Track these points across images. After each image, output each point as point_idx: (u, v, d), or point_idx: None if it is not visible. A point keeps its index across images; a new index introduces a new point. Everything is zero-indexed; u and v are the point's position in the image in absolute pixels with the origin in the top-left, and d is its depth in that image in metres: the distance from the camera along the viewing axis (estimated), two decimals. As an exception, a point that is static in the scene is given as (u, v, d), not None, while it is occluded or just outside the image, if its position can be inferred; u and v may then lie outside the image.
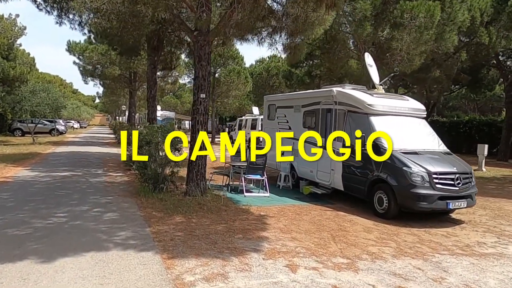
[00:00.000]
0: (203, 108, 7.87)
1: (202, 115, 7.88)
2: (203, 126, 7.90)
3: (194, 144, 7.84)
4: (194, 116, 7.93)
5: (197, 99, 7.90)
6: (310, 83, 30.11)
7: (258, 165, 9.23)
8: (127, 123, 30.09)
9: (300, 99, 10.62)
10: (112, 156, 17.77)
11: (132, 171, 11.63)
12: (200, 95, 7.79)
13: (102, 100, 69.51)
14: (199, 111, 7.87)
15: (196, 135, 7.83)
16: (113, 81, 26.68)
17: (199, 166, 7.86)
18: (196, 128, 7.87)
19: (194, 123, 7.92)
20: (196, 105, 7.91)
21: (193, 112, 7.98)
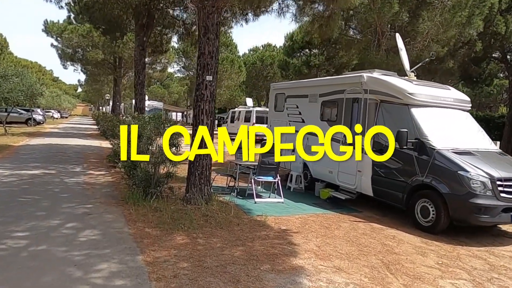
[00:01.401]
0: (209, 93, 6.25)
1: (208, 103, 6.26)
2: (209, 117, 6.29)
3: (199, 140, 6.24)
4: (197, 103, 6.30)
5: (202, 82, 6.26)
6: (308, 73, 28.62)
7: (271, 165, 7.68)
8: (111, 113, 28.04)
9: (317, 87, 9.07)
10: (94, 149, 15.95)
11: (118, 169, 9.95)
12: (205, 76, 6.17)
13: (84, 89, 66.52)
14: (204, 97, 6.24)
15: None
16: (95, 67, 24.55)
17: (202, 168, 6.27)
18: (199, 119, 6.25)
19: (197, 113, 6.30)
20: (200, 90, 6.27)
21: (196, 98, 6.34)
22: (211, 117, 6.35)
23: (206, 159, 6.32)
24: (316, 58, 27.96)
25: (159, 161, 6.40)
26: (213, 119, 6.43)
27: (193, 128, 6.36)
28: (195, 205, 6.24)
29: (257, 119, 25.30)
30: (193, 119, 6.39)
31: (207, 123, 6.25)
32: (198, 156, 6.22)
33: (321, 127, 8.79)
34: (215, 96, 6.35)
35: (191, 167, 6.32)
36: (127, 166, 6.53)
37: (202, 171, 6.27)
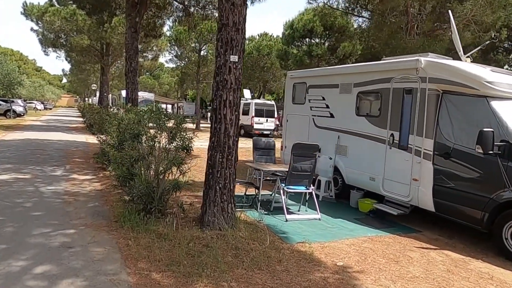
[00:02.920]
0: (233, 79, 4.59)
1: (233, 92, 4.59)
2: (233, 111, 4.63)
3: (217, 142, 4.60)
4: (218, 93, 4.63)
5: (224, 64, 4.59)
6: (309, 64, 26.99)
7: (304, 171, 6.08)
8: (98, 105, 26.01)
9: (352, 74, 7.46)
10: (79, 146, 14.11)
11: (107, 172, 8.25)
12: (229, 56, 4.51)
13: (69, 78, 63.65)
14: (226, 84, 4.57)
15: (222, 125, 4.57)
16: (81, 54, 22.44)
17: (225, 180, 4.63)
18: (221, 114, 4.58)
19: (217, 105, 4.63)
20: (221, 75, 4.60)
21: (216, 86, 4.67)
22: (236, 111, 4.70)
23: (231, 167, 4.68)
24: (318, 47, 26.34)
25: (164, 168, 4.74)
26: (238, 113, 4.78)
27: (213, 126, 4.70)
28: (217, 230, 4.62)
29: (256, 112, 23.71)
30: (212, 114, 4.72)
31: (231, 119, 4.60)
32: (220, 164, 4.57)
33: (358, 123, 7.28)
34: (241, 82, 4.69)
35: (210, 178, 4.67)
36: (121, 176, 4.85)
37: (225, 185, 4.63)
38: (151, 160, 4.78)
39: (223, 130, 4.56)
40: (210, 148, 4.66)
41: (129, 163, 4.74)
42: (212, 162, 4.61)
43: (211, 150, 4.65)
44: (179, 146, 4.70)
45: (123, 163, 4.82)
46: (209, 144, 4.71)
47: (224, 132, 4.56)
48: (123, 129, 5.05)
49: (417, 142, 5.98)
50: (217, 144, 4.57)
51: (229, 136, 4.59)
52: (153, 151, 4.77)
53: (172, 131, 4.81)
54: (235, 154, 4.67)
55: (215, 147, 4.60)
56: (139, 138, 4.87)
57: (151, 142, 4.74)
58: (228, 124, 4.58)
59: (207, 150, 4.74)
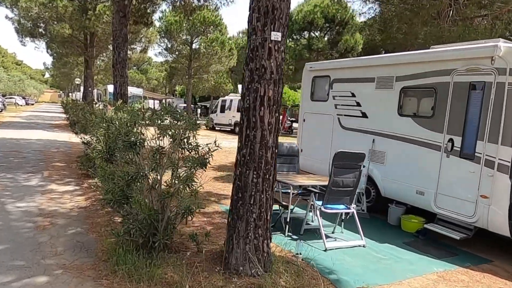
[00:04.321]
0: (274, 66, 3.25)
1: (273, 84, 3.26)
2: (273, 112, 3.29)
3: (251, 155, 3.26)
4: (251, 85, 3.28)
5: (261, 45, 3.23)
6: (308, 58, 25.76)
7: (347, 186, 4.80)
8: (82, 100, 24.24)
9: (394, 66, 6.18)
10: (61, 146, 12.56)
11: (93, 180, 6.83)
12: (269, 33, 3.17)
13: (52, 72, 61.02)
14: (265, 73, 3.22)
15: (257, 132, 3.24)
16: (62, 45, 20.63)
17: (261, 208, 3.30)
18: (256, 117, 3.24)
19: (251, 103, 3.28)
20: (258, 60, 3.23)
21: (248, 77, 3.30)
22: (277, 113, 3.37)
23: (268, 190, 3.35)
24: (318, 41, 25.15)
25: (174, 190, 3.38)
26: (279, 115, 3.45)
27: (242, 132, 3.36)
28: (249, 277, 3.29)
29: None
30: (243, 115, 3.38)
31: (270, 123, 3.28)
32: (255, 186, 3.25)
33: (401, 125, 6.03)
34: (283, 71, 3.36)
35: (240, 206, 3.32)
36: (114, 201, 3.47)
37: (260, 214, 3.30)
38: (155, 179, 3.42)
39: (259, 138, 3.24)
40: (240, 164, 3.32)
41: (124, 182, 3.37)
42: (243, 184, 3.29)
43: (240, 167, 3.31)
44: (194, 160, 3.33)
45: (115, 182, 3.44)
46: (237, 158, 3.38)
47: (261, 142, 3.24)
48: (114, 135, 3.67)
49: (488, 150, 4.76)
50: (250, 159, 3.25)
51: (267, 148, 3.28)
52: (158, 167, 3.40)
53: (183, 139, 3.45)
54: (274, 172, 3.36)
55: (247, 162, 3.27)
56: (136, 148, 3.50)
57: (155, 155, 3.37)
58: (266, 130, 3.26)
59: (235, 166, 3.40)
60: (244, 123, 3.32)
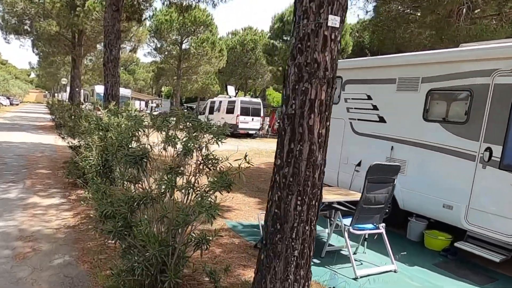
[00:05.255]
0: (329, 60, 2.59)
1: (327, 86, 2.62)
2: (324, 120, 2.65)
3: (294, 176, 2.61)
4: (298, 85, 2.60)
5: (315, 32, 2.52)
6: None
7: (378, 203, 4.21)
8: (68, 101, 23.24)
9: (419, 65, 5.62)
10: (46, 150, 11.71)
11: (83, 191, 6.11)
12: (326, 16, 2.52)
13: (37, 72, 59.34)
14: (318, 70, 2.55)
15: (304, 145, 2.60)
16: (49, 43, 19.63)
17: (304, 242, 2.64)
18: (303, 126, 2.60)
19: (297, 109, 2.62)
20: (308, 52, 2.52)
21: (295, 74, 2.62)
22: (328, 121, 2.74)
23: (313, 219, 2.70)
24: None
25: (189, 220, 2.72)
26: (329, 124, 2.82)
27: (283, 146, 2.71)
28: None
29: (242, 110, 21.80)
30: (284, 124, 2.72)
31: (320, 134, 2.65)
32: (298, 216, 2.61)
33: (426, 131, 5.46)
34: (337, 68, 2.72)
35: (278, 241, 2.65)
36: (115, 232, 2.77)
37: (303, 251, 2.65)
38: (169, 206, 2.74)
39: (305, 154, 2.60)
40: (279, 187, 2.67)
41: (128, 208, 2.70)
42: (283, 212, 2.63)
43: (280, 190, 2.66)
44: (218, 181, 2.67)
45: (115, 207, 2.76)
46: (275, 178, 2.71)
47: (308, 159, 2.61)
48: (114, 146, 2.99)
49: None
50: (294, 180, 2.60)
51: (315, 166, 2.65)
52: (171, 190, 2.73)
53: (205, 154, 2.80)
54: (320, 197, 2.72)
55: (290, 185, 2.62)
56: (142, 164, 2.83)
57: (169, 175, 2.70)
58: (315, 144, 2.63)
59: (270, 188, 2.75)
60: (287, 135, 2.66)
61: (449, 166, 5.11)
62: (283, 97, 2.79)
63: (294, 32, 2.71)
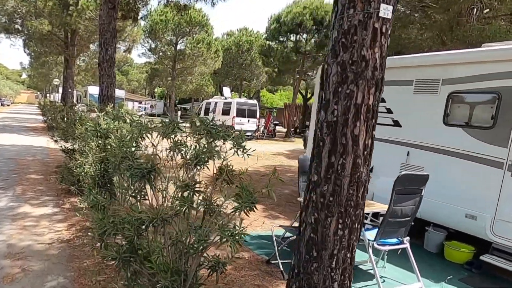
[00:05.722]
0: (379, 57, 2.25)
1: (375, 88, 2.28)
2: (370, 129, 2.33)
3: (335, 195, 2.24)
4: (341, 88, 2.25)
5: (363, 24, 2.17)
6: (296, 61, 25.00)
7: (405, 216, 3.86)
8: (61, 102, 22.66)
9: (439, 66, 5.29)
10: (37, 153, 11.23)
11: (77, 199, 5.72)
12: (377, 5, 2.15)
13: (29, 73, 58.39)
14: (366, 69, 2.20)
15: (347, 159, 2.25)
16: (41, 43, 19.06)
17: (344, 271, 2.27)
18: (346, 136, 2.25)
19: (339, 116, 2.27)
20: (355, 48, 2.16)
21: (337, 74, 2.27)
22: (374, 130, 2.41)
23: (355, 245, 2.34)
24: (306, 43, 24.40)
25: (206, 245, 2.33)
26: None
27: (318, 157, 2.35)
28: None
29: (238, 112, 21.43)
30: (323, 133, 2.36)
31: (365, 146, 2.31)
32: (339, 241, 2.25)
33: (446, 136, 5.14)
34: (385, 68, 2.37)
35: (314, 271, 2.27)
36: (119, 259, 2.37)
37: (343, 281, 2.28)
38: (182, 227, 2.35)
39: (349, 169, 2.26)
40: (315, 207, 2.31)
41: (134, 231, 2.30)
42: (320, 237, 2.26)
43: (317, 211, 2.30)
44: (242, 200, 2.29)
45: (118, 228, 2.36)
46: (310, 197, 2.36)
47: (352, 174, 2.27)
48: (117, 158, 2.58)
49: None
50: (335, 200, 2.25)
51: (360, 183, 2.32)
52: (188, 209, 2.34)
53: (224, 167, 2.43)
54: (362, 218, 2.37)
55: (330, 205, 2.26)
56: (151, 178, 2.44)
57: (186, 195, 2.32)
58: (360, 157, 2.30)
59: (304, 209, 2.39)
60: (326, 146, 2.30)
61: (473, 174, 4.79)
62: (321, 101, 2.43)
63: (335, 25, 2.36)
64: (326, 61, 2.48)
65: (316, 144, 2.45)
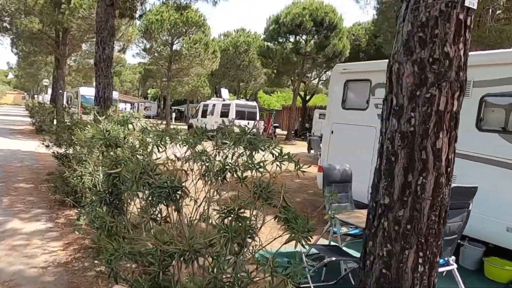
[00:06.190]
0: (462, 55, 1.81)
1: (459, 89, 1.85)
2: (452, 140, 1.89)
3: (412, 223, 1.78)
4: (420, 91, 1.81)
5: (446, 15, 1.76)
6: (296, 62, 24.64)
7: (452, 234, 3.42)
8: (51, 104, 21.90)
9: (470, 68, 4.89)
10: (25, 158, 10.56)
11: (72, 210, 5.19)
12: None
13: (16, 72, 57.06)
14: (450, 69, 1.79)
15: (427, 178, 1.80)
16: (30, 42, 18.34)
17: None
18: (426, 150, 1.81)
19: (417, 126, 1.82)
20: (441, 43, 1.74)
21: (416, 72, 1.82)
22: (456, 140, 1.95)
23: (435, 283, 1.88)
24: (306, 44, 24.06)
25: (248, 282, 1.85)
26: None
27: (389, 175, 1.88)
28: None
29: (237, 114, 20.93)
30: (395, 145, 1.89)
31: (447, 161, 1.86)
32: (419, 280, 1.79)
33: (480, 142, 4.73)
34: (467, 68, 1.94)
35: None
36: None
37: None
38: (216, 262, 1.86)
39: (430, 190, 1.84)
40: (387, 236, 1.88)
41: (159, 266, 1.81)
42: (394, 273, 1.83)
43: (389, 241, 1.86)
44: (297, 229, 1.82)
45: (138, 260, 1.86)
46: (377, 223, 1.89)
47: (434, 197, 1.84)
48: (135, 174, 2.08)
49: None
50: (413, 228, 1.83)
51: (443, 207, 1.88)
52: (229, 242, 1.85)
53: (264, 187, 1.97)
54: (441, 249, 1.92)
55: (406, 234, 1.84)
56: (177, 199, 1.95)
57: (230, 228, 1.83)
58: (443, 174, 1.88)
59: (370, 236, 1.92)
60: (399, 161, 1.85)
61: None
62: (392, 107, 1.97)
63: (407, 16, 1.90)
64: (395, 59, 2.02)
65: (385, 159, 1.99)
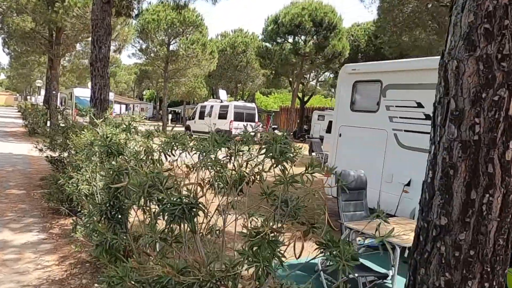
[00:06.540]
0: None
1: None
2: None
3: (477, 249, 1.48)
4: (488, 93, 1.53)
5: None
6: (295, 63, 24.42)
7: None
8: (44, 105, 21.43)
9: None
10: (18, 162, 10.16)
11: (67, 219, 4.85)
12: None
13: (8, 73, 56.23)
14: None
15: (495, 197, 1.50)
16: (22, 41, 17.88)
17: None
18: (496, 160, 1.50)
19: (485, 130, 1.53)
20: (509, 36, 1.48)
21: (481, 71, 1.53)
22: None
23: None
24: (305, 45, 23.87)
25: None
26: None
27: (445, 192, 1.58)
28: None
29: (236, 115, 20.59)
30: (447, 153, 1.59)
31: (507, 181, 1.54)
32: None
33: None
34: None
35: None
36: None
37: None
38: None
39: (497, 211, 1.54)
40: (445, 263, 1.56)
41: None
42: None
43: (448, 269, 1.58)
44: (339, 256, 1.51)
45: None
46: (431, 246, 1.60)
47: (502, 218, 1.53)
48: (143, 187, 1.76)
49: None
50: (477, 254, 1.57)
51: (511, 228, 1.54)
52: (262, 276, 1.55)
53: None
54: None
55: (469, 261, 1.55)
56: (192, 219, 1.64)
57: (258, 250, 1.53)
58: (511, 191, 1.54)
59: (421, 262, 1.63)
60: (459, 175, 1.56)
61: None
62: (449, 111, 1.67)
63: (467, 5, 1.61)
64: (452, 55, 1.73)
65: (441, 172, 1.69)
